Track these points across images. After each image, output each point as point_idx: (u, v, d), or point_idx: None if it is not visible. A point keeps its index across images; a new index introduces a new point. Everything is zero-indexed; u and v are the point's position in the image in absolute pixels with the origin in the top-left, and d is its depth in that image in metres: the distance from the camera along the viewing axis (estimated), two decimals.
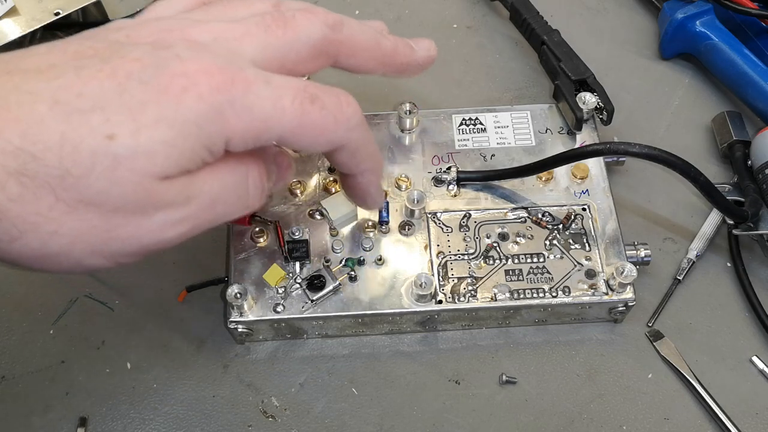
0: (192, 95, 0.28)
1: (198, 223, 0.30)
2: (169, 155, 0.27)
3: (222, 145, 0.29)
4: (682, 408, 0.44)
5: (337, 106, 0.32)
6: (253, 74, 0.29)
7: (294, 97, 0.30)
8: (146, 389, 0.45)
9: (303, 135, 0.31)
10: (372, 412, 0.44)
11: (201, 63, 0.28)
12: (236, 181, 0.31)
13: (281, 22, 0.32)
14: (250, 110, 0.29)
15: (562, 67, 0.51)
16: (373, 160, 0.36)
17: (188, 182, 0.29)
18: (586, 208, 0.47)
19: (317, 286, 0.43)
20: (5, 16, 0.52)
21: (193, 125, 0.28)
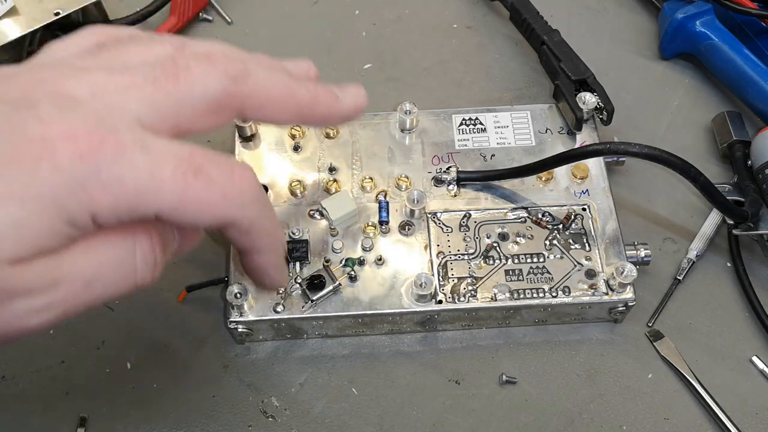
0: (47, 165, 0.24)
1: (69, 308, 0.26)
2: (20, 237, 0.24)
3: (87, 220, 0.25)
4: (682, 408, 0.44)
5: (227, 180, 0.27)
6: (130, 138, 0.25)
7: (176, 167, 0.26)
8: (146, 389, 0.45)
9: (184, 211, 0.27)
10: (372, 412, 0.44)
11: (64, 125, 0.25)
12: (118, 257, 0.27)
13: (172, 74, 0.28)
14: (119, 182, 0.25)
15: (562, 67, 0.51)
16: (270, 238, 0.32)
17: (52, 264, 0.25)
18: (586, 208, 0.47)
19: (317, 286, 0.43)
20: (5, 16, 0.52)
21: (49, 201, 0.24)
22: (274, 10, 0.61)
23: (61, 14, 0.53)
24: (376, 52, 0.59)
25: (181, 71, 0.28)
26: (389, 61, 0.58)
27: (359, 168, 0.49)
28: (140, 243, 0.28)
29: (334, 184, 0.48)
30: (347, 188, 0.48)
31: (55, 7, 0.53)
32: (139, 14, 0.57)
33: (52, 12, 0.53)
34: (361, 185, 0.48)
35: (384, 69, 0.58)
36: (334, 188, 0.48)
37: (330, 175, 0.48)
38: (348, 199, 0.47)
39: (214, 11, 0.60)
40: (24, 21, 0.52)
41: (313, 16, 0.61)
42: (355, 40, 0.59)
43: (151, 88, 0.28)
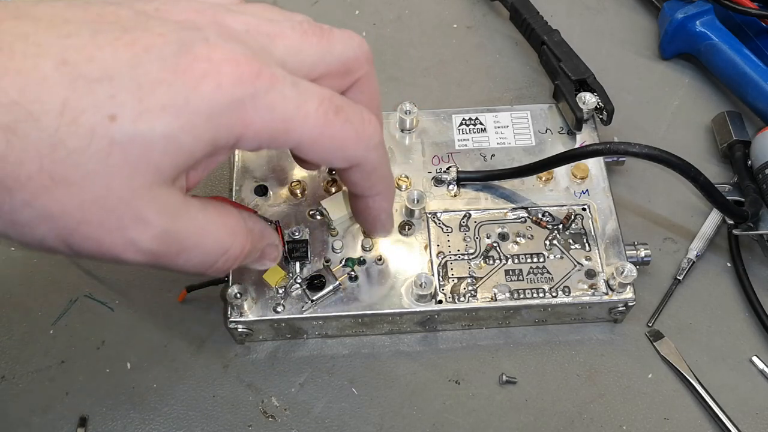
0: (211, 83, 0.26)
1: (159, 261, 0.28)
2: (166, 150, 0.25)
3: (232, 141, 0.27)
4: (682, 408, 0.44)
5: (360, 122, 0.30)
6: (281, 73, 0.28)
7: (320, 103, 0.28)
8: (146, 389, 0.45)
9: (322, 145, 0.29)
10: (372, 412, 0.44)
11: (228, 51, 0.26)
12: (218, 240, 0.29)
13: (318, 30, 0.31)
14: (271, 108, 0.27)
15: (562, 67, 0.51)
16: (386, 184, 0.35)
17: (178, 208, 0.27)
18: (586, 208, 0.47)
19: (317, 286, 0.43)
20: None
21: (204, 117, 0.26)
22: None
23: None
24: (376, 52, 0.58)
25: (325, 31, 0.31)
26: (389, 61, 0.58)
27: None
28: (238, 240, 0.30)
29: (334, 184, 0.48)
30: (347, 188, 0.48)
31: None
32: None
33: None
34: None
35: (384, 69, 0.58)
36: (334, 188, 0.48)
37: (330, 175, 0.48)
38: (348, 199, 0.47)
39: None
40: None
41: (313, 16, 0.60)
42: None
43: (298, 37, 0.30)
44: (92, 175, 0.24)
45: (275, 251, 0.35)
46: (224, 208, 0.30)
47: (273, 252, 0.35)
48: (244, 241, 0.31)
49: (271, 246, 0.35)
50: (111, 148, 0.24)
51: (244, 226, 0.31)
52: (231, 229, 0.30)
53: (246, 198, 0.47)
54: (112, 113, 0.24)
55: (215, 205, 0.30)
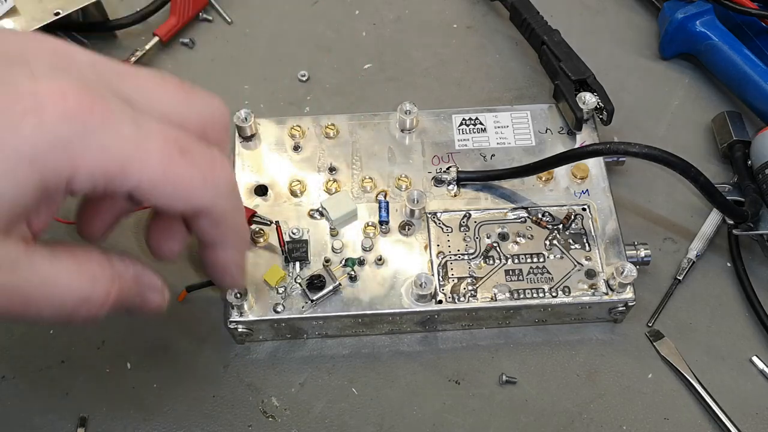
0: (32, 121, 0.23)
1: (7, 314, 0.26)
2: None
3: (62, 184, 0.25)
4: (682, 408, 0.44)
5: (209, 165, 0.28)
6: (119, 108, 0.25)
7: (163, 143, 0.26)
8: (146, 389, 0.45)
9: (163, 189, 0.26)
10: (372, 412, 0.44)
11: (56, 84, 0.24)
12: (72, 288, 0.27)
13: (179, 83, 0.29)
14: (103, 148, 0.24)
15: (562, 67, 0.51)
16: (237, 235, 0.32)
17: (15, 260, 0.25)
18: (586, 208, 0.47)
19: (317, 286, 0.43)
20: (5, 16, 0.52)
21: (25, 161, 0.23)
22: (274, 10, 0.61)
23: (61, 14, 0.53)
24: (376, 52, 0.59)
25: (186, 85, 0.29)
26: (389, 61, 0.58)
27: (359, 168, 0.49)
28: (100, 283, 0.28)
29: (334, 184, 0.48)
30: (347, 188, 0.48)
31: (55, 7, 0.53)
32: (139, 14, 0.57)
33: (52, 12, 0.53)
34: (361, 185, 0.48)
35: (384, 69, 0.58)
36: (334, 188, 0.48)
37: (330, 175, 0.48)
38: (348, 199, 0.47)
39: (214, 11, 0.60)
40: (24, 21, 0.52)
41: (313, 16, 0.61)
42: (355, 40, 0.59)
43: (153, 82, 0.28)
44: None
45: (158, 297, 0.32)
46: (82, 253, 0.28)
47: (155, 298, 0.32)
48: (109, 286, 0.28)
49: (153, 291, 0.32)
50: None
51: (110, 270, 0.29)
52: (89, 275, 0.28)
53: (246, 198, 0.47)
54: None
55: (72, 250, 0.28)
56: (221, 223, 0.30)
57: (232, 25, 0.60)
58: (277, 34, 0.60)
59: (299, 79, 0.57)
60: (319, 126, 0.50)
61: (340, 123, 0.50)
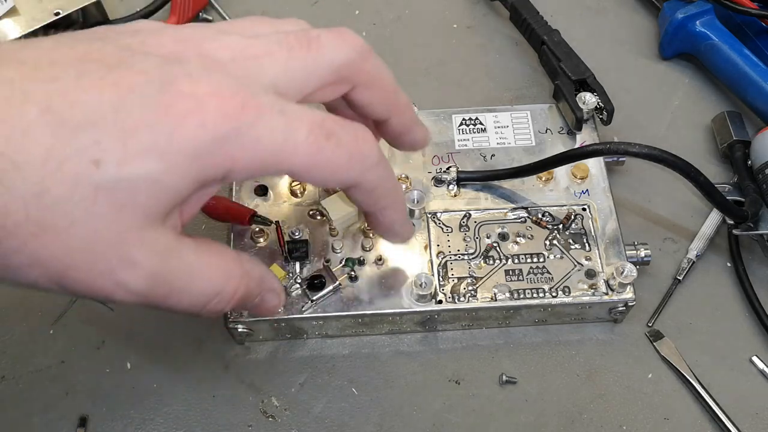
0: (194, 121, 0.25)
1: (150, 301, 0.27)
2: (151, 192, 0.25)
3: (220, 176, 0.27)
4: (682, 408, 0.44)
5: (353, 144, 0.29)
6: (268, 101, 0.27)
7: (309, 131, 0.28)
8: (146, 389, 0.45)
9: (314, 172, 0.28)
10: (372, 412, 0.44)
11: (213, 84, 0.26)
12: (210, 281, 0.29)
13: (305, 42, 0.30)
14: (257, 141, 0.26)
15: (562, 67, 0.51)
16: (392, 197, 0.34)
17: (168, 249, 0.27)
18: (586, 208, 0.47)
19: (317, 286, 0.43)
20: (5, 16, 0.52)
21: (189, 157, 0.25)
22: (274, 11, 0.61)
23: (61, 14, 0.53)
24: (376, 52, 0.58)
25: (313, 40, 0.30)
26: (389, 61, 0.57)
27: None
28: (231, 282, 0.29)
29: None
30: None
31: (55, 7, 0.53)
32: (139, 14, 0.57)
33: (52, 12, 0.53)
34: None
35: None
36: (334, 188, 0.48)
37: None
38: (348, 199, 0.47)
39: (214, 11, 0.60)
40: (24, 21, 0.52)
41: (313, 16, 0.61)
42: None
43: (285, 55, 0.29)
44: (78, 221, 0.24)
45: (275, 299, 0.34)
46: (219, 249, 0.30)
47: (273, 299, 0.34)
48: (238, 283, 0.30)
49: (272, 293, 0.33)
50: (96, 193, 0.24)
51: (240, 268, 0.30)
52: (224, 270, 0.30)
53: (246, 198, 0.47)
54: (96, 159, 0.24)
55: (210, 245, 0.29)
56: (373, 192, 0.32)
57: None
58: None
59: None
60: None
61: None
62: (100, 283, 0.26)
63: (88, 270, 0.25)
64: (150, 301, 0.28)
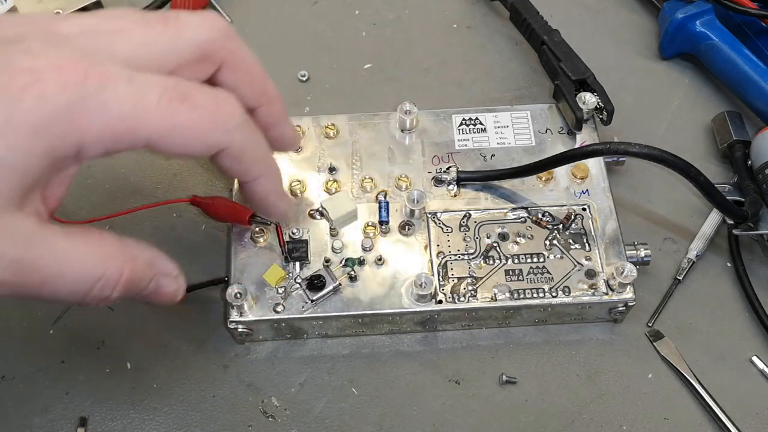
0: (32, 94, 0.24)
1: (21, 291, 0.26)
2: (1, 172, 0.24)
3: (71, 151, 0.26)
4: (682, 408, 0.44)
5: (212, 106, 0.28)
6: (114, 70, 0.26)
7: (161, 95, 0.27)
8: (146, 389, 0.45)
9: (173, 138, 0.27)
10: (372, 412, 0.44)
11: (52, 57, 0.25)
12: (87, 266, 0.28)
13: (163, 19, 0.29)
14: (105, 109, 0.25)
15: (562, 67, 0.51)
16: (263, 164, 0.32)
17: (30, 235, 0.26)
18: (586, 208, 0.47)
19: (317, 286, 0.43)
20: None
21: (30, 131, 0.24)
22: (274, 10, 0.61)
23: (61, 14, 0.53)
24: (376, 52, 0.59)
25: (171, 18, 0.29)
26: (389, 61, 0.58)
27: (359, 168, 0.49)
28: (111, 265, 0.28)
29: (334, 184, 0.48)
30: (347, 188, 0.48)
31: (55, 7, 0.53)
32: None
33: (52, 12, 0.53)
34: (361, 185, 0.48)
35: (384, 69, 0.58)
36: (334, 188, 0.48)
37: (330, 175, 0.48)
38: (348, 199, 0.47)
39: (213, 11, 0.60)
40: None
41: (313, 16, 0.61)
42: (355, 40, 0.59)
43: (141, 29, 0.28)
44: None
45: (172, 284, 0.33)
46: (96, 234, 0.29)
47: (169, 284, 0.33)
48: (121, 266, 0.29)
49: (167, 278, 0.32)
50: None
51: (122, 251, 0.29)
52: (103, 254, 0.29)
53: None
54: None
55: (86, 231, 0.29)
56: (242, 158, 0.31)
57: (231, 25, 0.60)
58: (277, 34, 0.60)
59: (299, 79, 0.57)
60: (319, 126, 0.50)
61: (340, 123, 0.50)
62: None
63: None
64: (23, 291, 0.27)
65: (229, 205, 0.46)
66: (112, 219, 0.48)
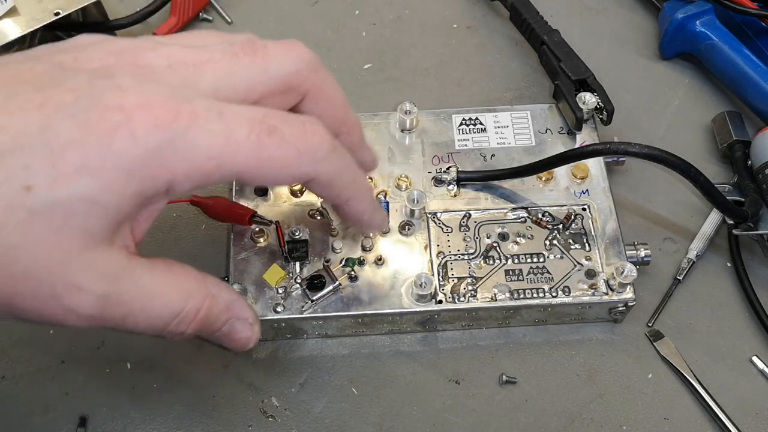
0: (123, 134, 0.24)
1: (105, 324, 0.27)
2: (90, 212, 0.24)
3: (162, 189, 0.26)
4: (682, 408, 0.44)
5: (300, 137, 0.28)
6: (203, 106, 0.26)
7: (250, 130, 0.27)
8: (146, 389, 0.45)
9: (262, 171, 0.27)
10: (372, 412, 0.44)
11: (142, 95, 0.25)
12: (168, 302, 0.28)
13: (251, 50, 0.29)
14: (195, 148, 0.25)
15: (562, 67, 0.51)
16: (354, 187, 0.32)
17: (118, 270, 0.26)
18: (586, 208, 0.47)
19: (317, 286, 0.43)
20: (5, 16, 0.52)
21: (123, 173, 0.24)
22: (274, 10, 0.61)
23: (61, 14, 0.53)
24: (376, 52, 0.59)
25: (259, 49, 0.29)
26: (389, 61, 0.58)
27: None
28: (193, 300, 0.29)
29: None
30: None
31: (55, 7, 0.53)
32: (139, 14, 0.57)
33: (52, 12, 0.53)
34: None
35: (384, 69, 0.58)
36: None
37: None
38: None
39: (214, 11, 0.60)
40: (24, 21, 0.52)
41: (313, 16, 0.61)
42: (355, 40, 0.59)
43: (228, 61, 0.28)
44: (16, 248, 0.24)
45: (246, 330, 0.33)
46: (179, 269, 0.29)
47: (244, 330, 0.32)
48: (200, 303, 0.29)
49: (242, 322, 0.32)
50: (31, 218, 0.23)
51: (203, 289, 0.30)
52: (184, 290, 0.29)
53: (246, 198, 0.47)
54: (27, 184, 0.23)
55: (169, 265, 0.29)
56: (332, 184, 0.31)
57: (232, 25, 0.60)
58: (277, 34, 0.60)
59: None
60: None
61: None
62: (49, 310, 0.25)
63: (33, 297, 0.25)
64: (107, 324, 0.27)
65: (229, 205, 0.46)
66: None
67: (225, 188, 0.51)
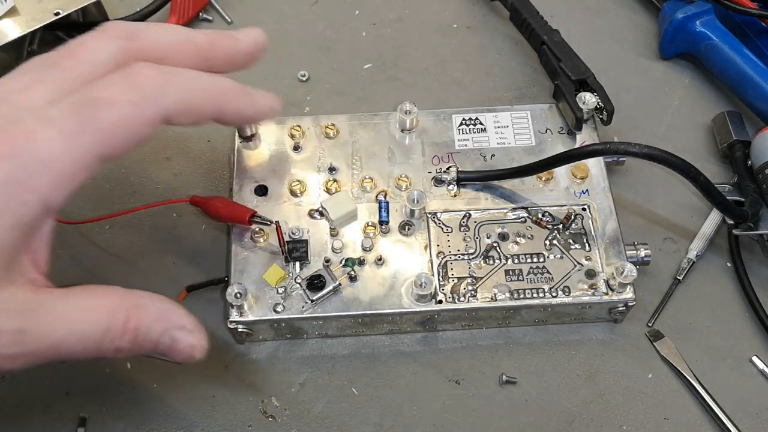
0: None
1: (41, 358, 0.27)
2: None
3: (38, 210, 0.26)
4: (682, 408, 0.44)
5: (128, 90, 0.28)
6: (34, 122, 0.26)
7: (77, 116, 0.27)
8: (146, 389, 0.45)
9: (115, 139, 0.27)
10: (372, 412, 0.44)
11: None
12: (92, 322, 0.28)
13: (68, 52, 0.29)
14: (43, 160, 0.26)
15: (562, 67, 0.51)
16: (214, 94, 0.32)
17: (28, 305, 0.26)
18: (586, 208, 0.47)
19: (317, 286, 0.43)
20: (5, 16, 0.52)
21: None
22: (274, 10, 0.61)
23: (61, 14, 0.53)
24: (376, 52, 0.59)
25: (75, 48, 0.29)
26: (389, 61, 0.58)
27: (359, 168, 0.49)
28: (118, 314, 0.29)
29: (334, 184, 0.48)
30: (347, 188, 0.48)
31: (55, 7, 0.53)
32: (139, 14, 0.57)
33: (52, 12, 0.53)
34: (361, 185, 0.48)
35: (384, 69, 0.58)
36: (334, 188, 0.48)
37: (330, 175, 0.48)
38: (348, 199, 0.47)
39: (214, 11, 0.60)
40: (24, 21, 0.52)
41: (313, 16, 0.61)
42: (355, 40, 0.59)
43: (51, 72, 0.28)
44: None
45: (189, 338, 0.32)
46: (99, 289, 0.29)
47: (186, 338, 0.32)
48: (126, 315, 0.29)
49: (182, 331, 0.32)
50: None
51: (128, 300, 0.30)
52: (107, 306, 0.29)
53: (246, 198, 0.47)
54: None
55: (86, 289, 0.29)
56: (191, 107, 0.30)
57: (232, 25, 0.60)
58: (277, 34, 0.60)
59: (299, 79, 0.57)
60: (319, 126, 0.50)
61: (340, 123, 0.50)
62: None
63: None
64: (41, 358, 0.27)
65: (229, 205, 0.46)
66: (113, 219, 0.48)
67: (225, 188, 0.51)
